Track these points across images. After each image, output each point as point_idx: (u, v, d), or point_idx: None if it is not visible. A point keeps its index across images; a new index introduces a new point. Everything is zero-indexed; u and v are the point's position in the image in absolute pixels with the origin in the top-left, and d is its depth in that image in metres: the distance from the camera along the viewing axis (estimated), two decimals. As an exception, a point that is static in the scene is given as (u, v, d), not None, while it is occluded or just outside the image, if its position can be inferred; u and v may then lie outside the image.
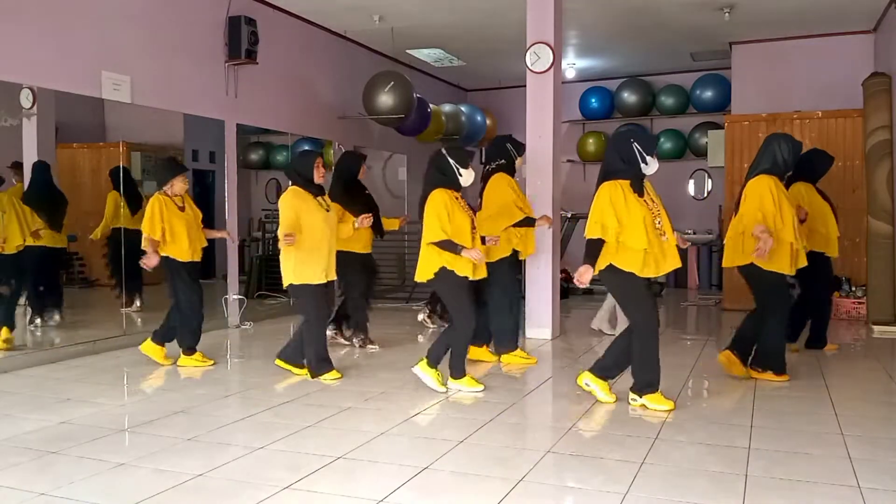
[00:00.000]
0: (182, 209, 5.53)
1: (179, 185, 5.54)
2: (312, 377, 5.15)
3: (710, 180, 11.24)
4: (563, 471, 3.43)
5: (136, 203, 6.69)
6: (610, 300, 7.12)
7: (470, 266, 4.72)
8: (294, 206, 5.03)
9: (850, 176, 8.31)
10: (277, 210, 5.15)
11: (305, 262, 5.05)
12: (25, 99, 5.87)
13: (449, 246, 4.64)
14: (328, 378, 5.12)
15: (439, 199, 4.68)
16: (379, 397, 4.71)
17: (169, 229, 5.41)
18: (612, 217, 4.18)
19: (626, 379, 4.57)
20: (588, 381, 4.60)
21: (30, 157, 6.17)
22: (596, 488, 3.16)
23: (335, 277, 5.30)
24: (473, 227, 4.80)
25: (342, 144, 9.40)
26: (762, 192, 4.91)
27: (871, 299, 7.65)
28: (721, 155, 9.17)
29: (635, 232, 4.19)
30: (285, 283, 5.17)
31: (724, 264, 5.29)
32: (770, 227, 4.84)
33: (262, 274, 9.08)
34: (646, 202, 4.28)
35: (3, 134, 5.96)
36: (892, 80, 7.78)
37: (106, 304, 6.98)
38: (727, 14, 8.10)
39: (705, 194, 11.30)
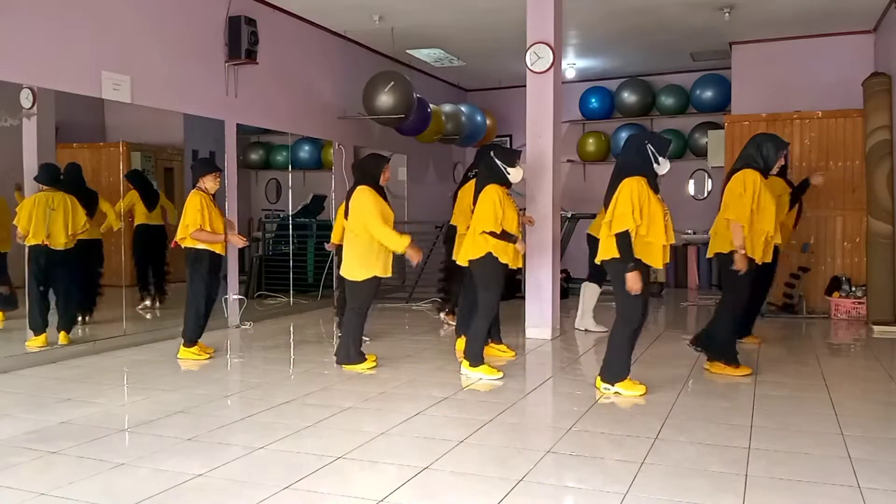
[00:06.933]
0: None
1: (211, 182, 5.87)
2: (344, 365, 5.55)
3: (710, 180, 11.23)
4: (563, 471, 3.43)
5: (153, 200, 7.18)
6: (590, 299, 7.27)
7: (512, 255, 5.22)
8: (378, 203, 5.37)
9: (850, 176, 8.31)
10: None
11: (378, 257, 5.42)
12: (25, 99, 5.87)
13: (505, 236, 5.15)
14: (370, 364, 5.54)
15: (494, 194, 5.16)
16: (378, 397, 4.71)
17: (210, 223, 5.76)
18: (637, 211, 4.46)
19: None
20: (606, 386, 4.79)
21: (30, 157, 6.17)
22: (596, 488, 3.16)
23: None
24: (520, 223, 5.35)
25: (342, 144, 9.41)
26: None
27: (871, 299, 7.65)
28: (721, 155, 9.17)
29: (656, 227, 4.52)
30: (360, 276, 5.44)
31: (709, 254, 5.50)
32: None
33: (262, 274, 9.09)
34: (660, 198, 4.62)
35: (3, 134, 5.96)
36: (892, 80, 7.78)
37: (106, 305, 6.98)
38: (727, 14, 8.09)
39: (705, 194, 11.29)
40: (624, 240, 4.48)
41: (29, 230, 5.93)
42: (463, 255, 5.33)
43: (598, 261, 4.81)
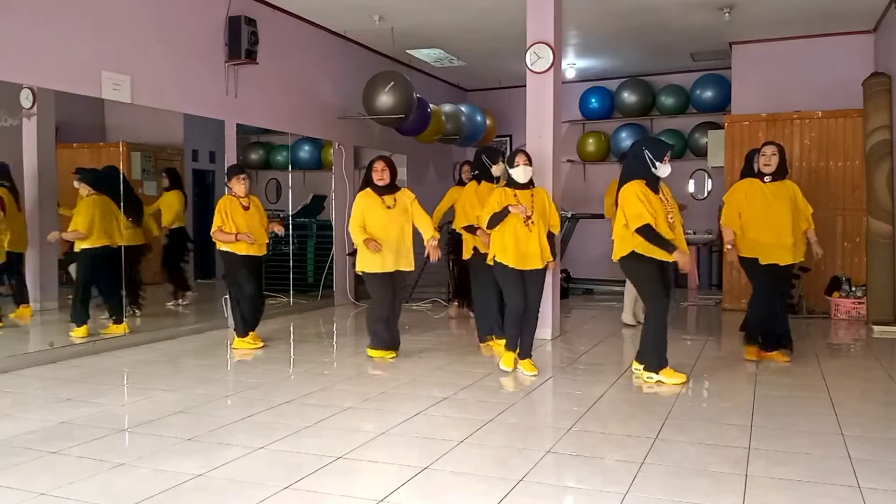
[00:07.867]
0: (247, 208, 6.21)
1: (238, 186, 6.21)
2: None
3: (710, 180, 11.23)
4: (563, 471, 3.43)
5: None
6: (632, 291, 7.45)
7: (515, 258, 5.23)
8: (359, 205, 5.76)
9: (850, 176, 8.32)
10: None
11: (374, 254, 5.66)
12: (25, 99, 5.87)
13: (496, 219, 5.25)
14: (376, 355, 5.86)
15: (495, 196, 5.35)
16: (378, 397, 4.71)
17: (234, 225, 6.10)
18: (647, 206, 4.79)
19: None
20: (651, 375, 5.04)
21: (30, 157, 6.18)
22: (596, 488, 3.16)
23: (409, 267, 5.83)
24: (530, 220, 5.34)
25: (342, 144, 9.41)
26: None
27: (871, 299, 7.65)
28: (721, 155, 9.17)
29: (661, 223, 4.82)
30: (358, 269, 5.85)
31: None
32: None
33: (262, 274, 9.07)
34: (661, 199, 4.93)
35: (3, 134, 5.97)
36: (892, 80, 7.78)
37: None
38: (727, 14, 8.09)
39: (705, 194, 11.29)
40: (650, 232, 4.78)
41: (91, 231, 6.25)
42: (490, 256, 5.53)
43: (614, 259, 5.08)
